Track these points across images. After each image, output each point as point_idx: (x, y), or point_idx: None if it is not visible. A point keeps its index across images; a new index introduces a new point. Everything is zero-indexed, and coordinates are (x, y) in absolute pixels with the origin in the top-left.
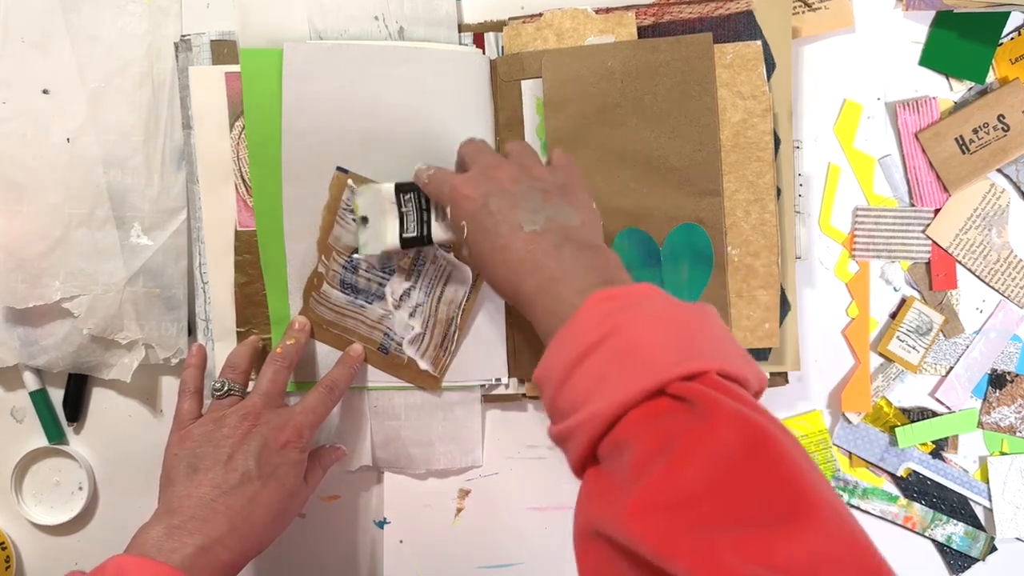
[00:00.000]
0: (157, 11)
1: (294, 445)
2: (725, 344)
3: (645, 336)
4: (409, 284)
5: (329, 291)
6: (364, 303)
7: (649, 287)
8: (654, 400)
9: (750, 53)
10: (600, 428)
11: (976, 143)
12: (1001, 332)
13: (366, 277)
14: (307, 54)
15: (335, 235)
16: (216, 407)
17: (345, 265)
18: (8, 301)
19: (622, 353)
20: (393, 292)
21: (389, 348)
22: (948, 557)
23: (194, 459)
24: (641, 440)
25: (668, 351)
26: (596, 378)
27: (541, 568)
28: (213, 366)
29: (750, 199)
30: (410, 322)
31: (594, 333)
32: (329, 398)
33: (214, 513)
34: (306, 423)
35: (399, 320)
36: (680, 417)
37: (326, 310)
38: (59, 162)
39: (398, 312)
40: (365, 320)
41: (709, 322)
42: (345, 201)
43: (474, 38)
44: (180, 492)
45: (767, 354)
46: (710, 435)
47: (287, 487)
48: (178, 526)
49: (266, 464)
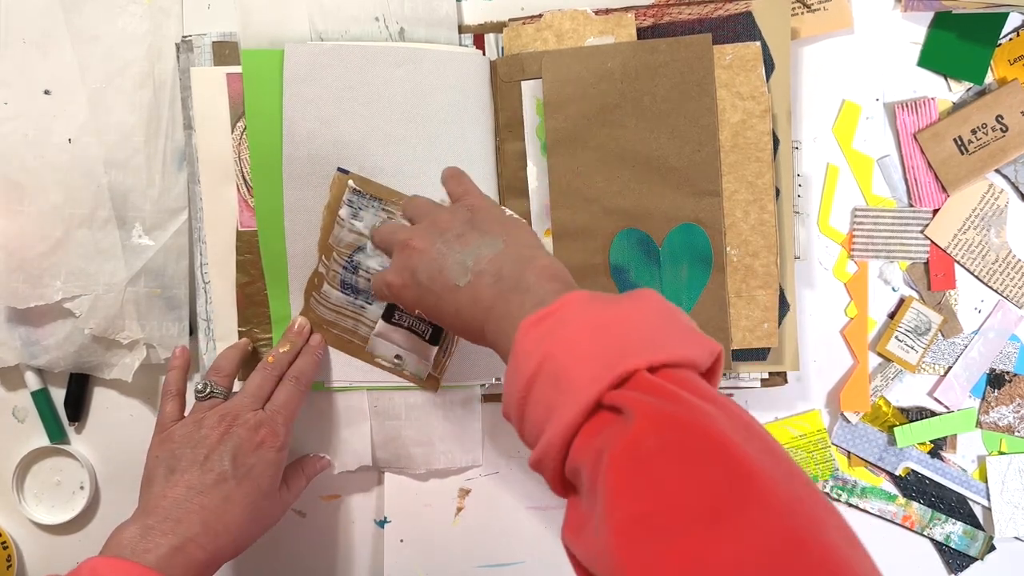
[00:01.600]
0: (158, 11)
1: (269, 444)
2: (659, 331)
3: (573, 352)
4: None
5: (329, 291)
6: (364, 303)
7: (576, 296)
8: (595, 416)
9: (749, 54)
10: (557, 458)
11: (975, 144)
12: (999, 332)
13: (366, 277)
14: (308, 55)
15: (335, 236)
16: (197, 409)
17: (345, 265)
18: (9, 301)
19: (557, 377)
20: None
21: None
22: (947, 556)
23: (172, 460)
24: (586, 463)
25: (595, 362)
26: (544, 407)
27: (541, 567)
28: None
29: (749, 199)
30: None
31: (531, 362)
32: (298, 389)
33: (188, 513)
34: (280, 420)
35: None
36: (614, 429)
37: (326, 310)
38: (60, 162)
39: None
40: (366, 320)
41: (642, 312)
42: (346, 200)
43: (474, 39)
44: (157, 493)
45: (766, 354)
46: (632, 444)
47: (262, 487)
48: (152, 526)
49: (241, 464)
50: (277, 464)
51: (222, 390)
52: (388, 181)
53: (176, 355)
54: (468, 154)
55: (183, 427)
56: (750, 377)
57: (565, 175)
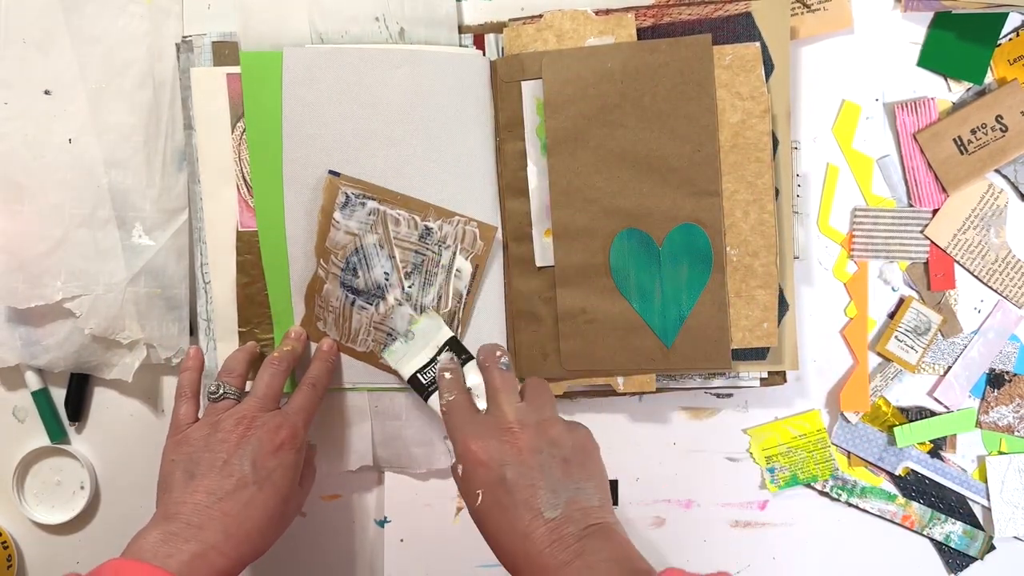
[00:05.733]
0: (158, 12)
1: (289, 446)
2: None
3: None
4: (409, 283)
5: (330, 294)
6: (365, 304)
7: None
8: None
9: (749, 54)
10: None
11: (974, 143)
12: (999, 332)
13: (365, 280)
14: (307, 58)
15: (331, 239)
16: (212, 411)
17: (344, 268)
18: (9, 301)
19: None
20: (394, 291)
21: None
22: (946, 556)
23: (190, 464)
24: None
25: None
26: None
27: None
28: (214, 366)
29: (749, 199)
30: (412, 315)
31: None
32: (314, 394)
33: (210, 520)
34: (300, 422)
35: (401, 315)
36: None
37: (328, 313)
38: (60, 162)
39: (400, 308)
40: (367, 320)
41: None
42: (339, 203)
43: (474, 39)
44: (176, 498)
45: (765, 353)
46: None
47: (282, 491)
48: (174, 532)
49: (262, 468)
50: (296, 466)
51: (235, 391)
52: (388, 182)
53: (190, 356)
54: (468, 154)
55: (199, 430)
56: (749, 376)
57: (565, 175)
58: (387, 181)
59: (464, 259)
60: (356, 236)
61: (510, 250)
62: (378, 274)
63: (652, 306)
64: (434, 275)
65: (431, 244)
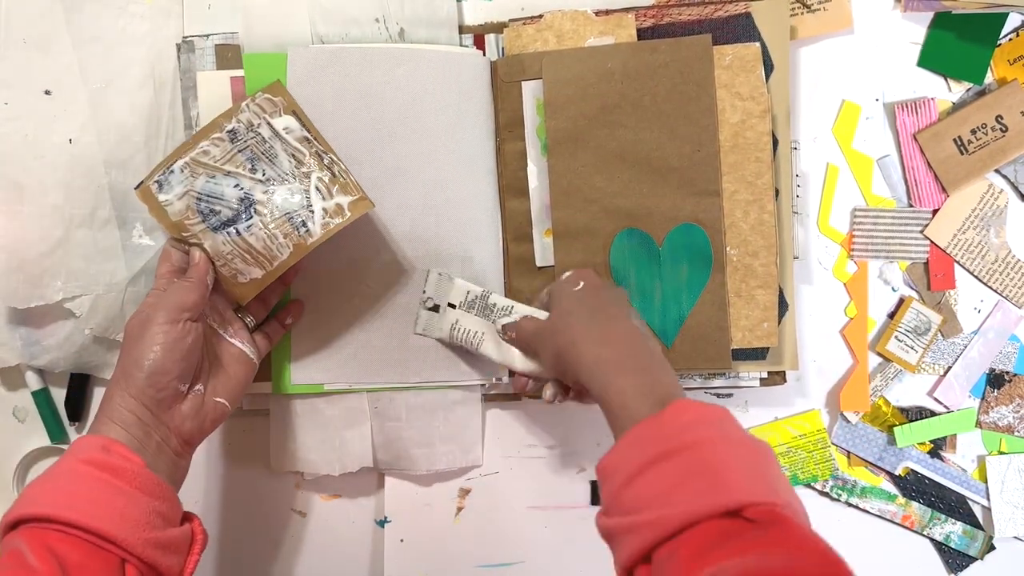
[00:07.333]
0: (158, 12)
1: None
2: (785, 481)
3: (725, 458)
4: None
5: (217, 248)
6: (246, 221)
7: (722, 411)
8: (726, 519)
9: (749, 54)
10: (665, 533)
11: (974, 144)
12: (999, 332)
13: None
14: (310, 58)
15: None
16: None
17: (202, 219)
18: (10, 301)
19: (700, 467)
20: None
21: (307, 223)
22: (946, 556)
23: None
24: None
25: (746, 477)
26: (668, 484)
27: (541, 567)
28: None
29: (749, 199)
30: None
31: (673, 441)
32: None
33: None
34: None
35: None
36: (750, 535)
37: (234, 260)
38: (61, 162)
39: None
40: (263, 228)
41: (772, 458)
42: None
43: (475, 39)
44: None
45: (765, 353)
46: (791, 556)
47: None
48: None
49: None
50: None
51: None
52: (389, 181)
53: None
54: (468, 154)
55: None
56: (749, 376)
57: (565, 175)
58: (387, 180)
59: (280, 116)
60: (187, 192)
61: (510, 250)
62: (229, 194)
63: (652, 306)
64: (272, 150)
65: (245, 135)
